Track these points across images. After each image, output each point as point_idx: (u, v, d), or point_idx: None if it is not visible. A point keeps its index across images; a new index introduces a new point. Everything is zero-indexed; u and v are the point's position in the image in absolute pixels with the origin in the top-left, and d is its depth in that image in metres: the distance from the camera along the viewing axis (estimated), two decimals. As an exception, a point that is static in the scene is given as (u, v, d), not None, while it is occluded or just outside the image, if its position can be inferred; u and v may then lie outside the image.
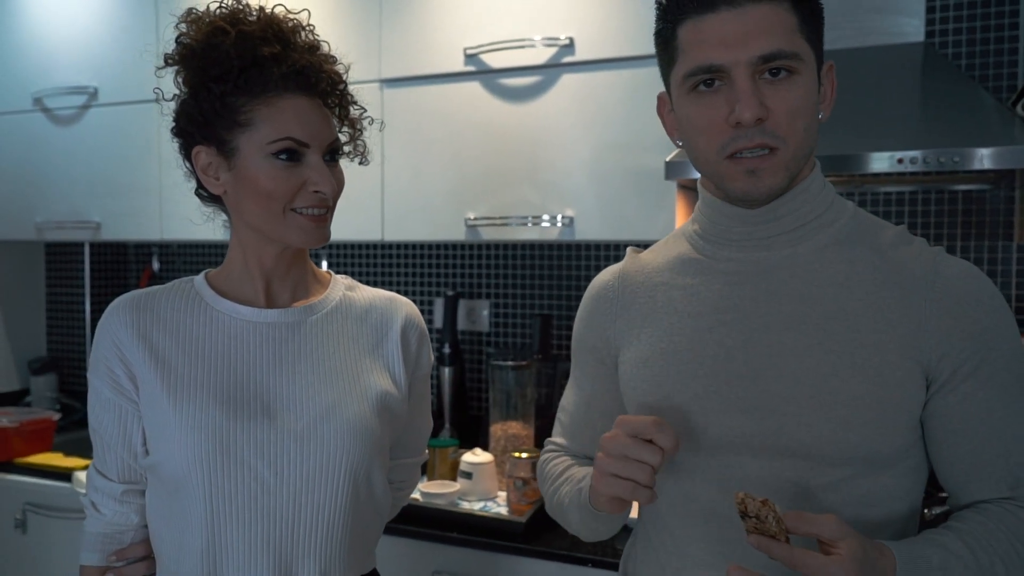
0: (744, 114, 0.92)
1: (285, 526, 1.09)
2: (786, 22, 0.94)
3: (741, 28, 0.93)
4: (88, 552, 1.17)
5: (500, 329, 2.47)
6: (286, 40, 1.10)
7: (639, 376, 1.06)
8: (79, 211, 2.58)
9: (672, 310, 1.06)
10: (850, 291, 0.98)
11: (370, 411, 1.14)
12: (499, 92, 2.02)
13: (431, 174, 2.11)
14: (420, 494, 1.89)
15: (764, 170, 0.96)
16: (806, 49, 0.95)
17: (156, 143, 2.44)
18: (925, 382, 0.96)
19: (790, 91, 0.94)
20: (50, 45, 2.59)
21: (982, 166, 1.54)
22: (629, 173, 1.91)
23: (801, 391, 0.96)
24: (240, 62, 1.06)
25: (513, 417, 2.05)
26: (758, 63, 0.93)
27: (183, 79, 1.13)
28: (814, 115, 0.97)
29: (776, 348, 0.98)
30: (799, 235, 1.01)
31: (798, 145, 0.95)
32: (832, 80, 1.02)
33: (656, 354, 1.05)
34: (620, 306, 1.12)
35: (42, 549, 2.31)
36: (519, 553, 1.72)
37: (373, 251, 2.65)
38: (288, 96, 1.07)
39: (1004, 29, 1.93)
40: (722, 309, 1.02)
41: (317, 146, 1.09)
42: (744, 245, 1.03)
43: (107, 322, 1.14)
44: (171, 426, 1.08)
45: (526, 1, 1.98)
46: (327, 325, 1.18)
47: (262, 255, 1.16)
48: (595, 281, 1.17)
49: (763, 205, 1.01)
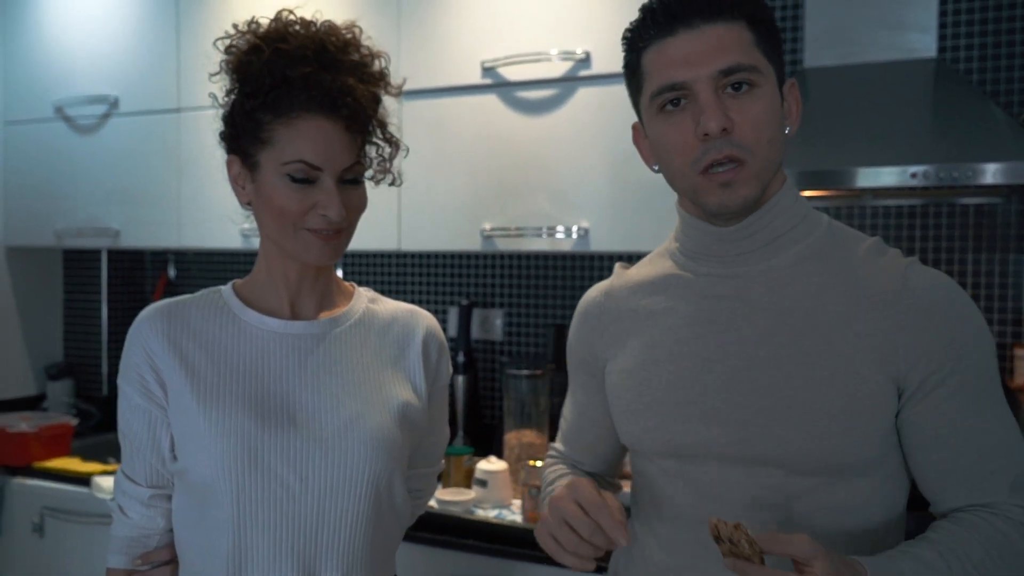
0: (709, 123, 0.96)
1: (309, 532, 1.11)
2: (743, 39, 0.98)
3: (700, 47, 0.98)
4: (115, 555, 1.19)
5: (513, 339, 2.49)
6: (325, 59, 1.11)
7: (623, 385, 1.11)
8: (98, 219, 2.61)
9: (654, 323, 1.10)
10: (822, 303, 1.01)
11: (392, 422, 1.16)
12: (516, 105, 2.05)
13: (448, 185, 2.13)
14: (436, 501, 1.91)
15: (736, 182, 0.99)
16: (765, 64, 0.99)
17: (175, 152, 2.47)
18: (897, 392, 0.99)
19: (753, 103, 0.98)
20: (71, 55, 2.63)
21: (993, 180, 1.56)
22: (643, 186, 1.93)
23: (774, 402, 0.99)
24: (271, 80, 1.09)
25: (527, 426, 2.07)
26: (719, 77, 0.97)
27: (226, 89, 1.16)
28: (779, 128, 1.01)
29: (751, 360, 1.02)
30: (772, 249, 1.05)
31: (765, 156, 0.99)
32: (796, 97, 1.05)
33: (639, 365, 1.09)
34: (607, 320, 1.16)
35: (59, 553, 2.34)
36: (534, 561, 1.73)
37: (388, 260, 2.67)
38: (309, 118, 1.09)
39: (1016, 45, 1.95)
40: (700, 322, 1.06)
41: (331, 170, 1.10)
42: (722, 260, 1.07)
43: (138, 330, 1.16)
44: (200, 432, 1.11)
45: (543, 15, 2.01)
46: (351, 337, 1.20)
47: (287, 268, 1.18)
48: (584, 297, 1.23)
49: (738, 219, 1.04)
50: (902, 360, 0.97)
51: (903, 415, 1.00)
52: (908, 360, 0.97)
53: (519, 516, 1.88)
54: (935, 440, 0.99)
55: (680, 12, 0.99)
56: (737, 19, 0.99)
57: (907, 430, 1.00)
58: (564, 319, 2.41)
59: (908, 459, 1.03)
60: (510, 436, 2.09)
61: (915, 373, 0.97)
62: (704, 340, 1.05)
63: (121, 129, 2.56)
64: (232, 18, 2.64)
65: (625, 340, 1.13)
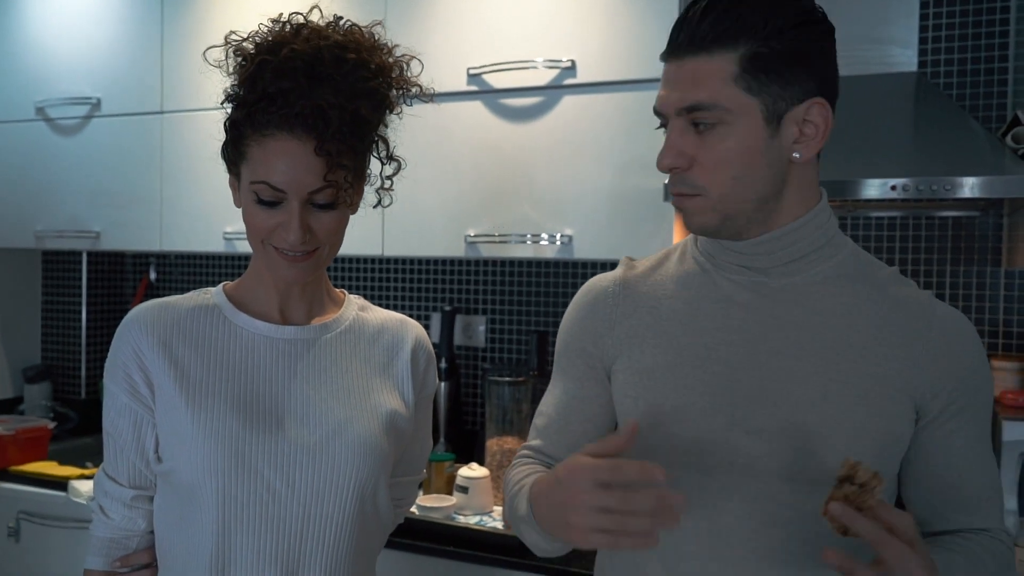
0: (660, 160, 1.01)
1: (293, 536, 1.11)
2: (719, 73, 0.97)
3: (676, 78, 1.00)
4: (93, 556, 1.18)
5: (496, 345, 2.49)
6: (317, 73, 1.06)
7: (641, 386, 1.07)
8: (79, 220, 2.59)
9: (677, 323, 1.08)
10: (853, 323, 1.02)
11: (379, 429, 1.16)
12: (501, 112, 2.06)
13: (432, 191, 2.14)
14: (417, 507, 1.91)
15: (689, 211, 1.02)
16: (740, 100, 0.97)
17: (158, 155, 2.46)
18: (915, 416, 1.02)
19: (716, 142, 0.98)
20: (54, 55, 2.61)
21: (972, 194, 1.58)
22: (628, 193, 1.94)
23: (804, 417, 0.99)
24: (252, 94, 1.07)
25: (509, 432, 2.08)
26: (684, 113, 0.99)
27: (225, 92, 1.14)
28: (753, 164, 0.99)
29: (780, 373, 1.02)
30: (795, 268, 1.05)
31: (723, 193, 0.99)
32: (817, 118, 1.00)
33: (660, 367, 1.07)
34: (620, 314, 1.12)
35: (35, 558, 2.31)
36: (514, 567, 1.74)
37: (372, 265, 2.67)
38: (279, 137, 1.05)
39: (994, 61, 1.98)
40: (726, 328, 1.05)
41: (296, 193, 1.06)
42: (743, 270, 1.07)
43: (127, 329, 1.15)
44: (187, 433, 1.10)
45: (529, 24, 2.02)
46: (341, 344, 1.20)
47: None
48: (591, 285, 1.18)
49: (721, 238, 1.05)
50: (927, 388, 1.01)
51: (916, 438, 1.04)
52: (932, 389, 1.01)
53: (500, 523, 1.88)
54: (945, 465, 1.04)
55: (675, 41, 1.01)
56: (724, 51, 0.97)
57: (917, 452, 1.05)
58: (547, 326, 2.42)
59: (907, 478, 1.07)
60: (491, 443, 2.09)
61: (936, 402, 1.02)
62: (731, 347, 1.04)
63: (103, 131, 2.55)
64: (216, 21, 2.64)
65: (643, 337, 1.09)
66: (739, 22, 0.97)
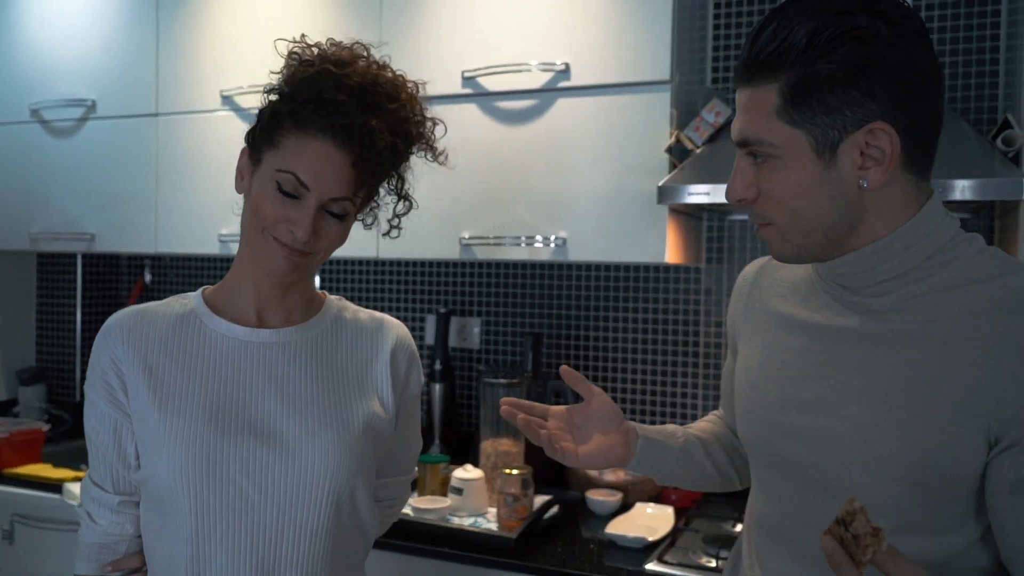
0: (726, 192, 0.98)
1: (269, 543, 1.11)
2: (763, 107, 0.92)
3: (738, 108, 0.97)
4: (83, 562, 1.18)
5: (490, 347, 2.50)
6: (367, 98, 1.11)
7: (740, 380, 1.12)
8: (74, 223, 2.59)
9: (778, 325, 1.08)
10: (944, 346, 0.92)
11: (355, 434, 1.16)
12: (495, 114, 2.06)
13: (427, 193, 2.13)
14: (411, 509, 1.91)
15: (769, 239, 0.99)
16: (785, 133, 0.92)
17: (153, 157, 2.46)
18: (988, 446, 0.90)
19: (770, 174, 0.94)
20: (49, 57, 2.62)
21: (963, 197, 1.59)
22: (623, 196, 1.95)
23: (855, 438, 0.95)
24: (306, 94, 1.09)
25: (504, 434, 2.08)
26: (740, 146, 0.96)
27: (267, 87, 1.17)
28: (810, 197, 0.93)
29: (846, 391, 0.97)
30: (890, 286, 0.96)
31: (788, 225, 0.95)
32: (882, 142, 0.91)
33: (755, 366, 1.09)
34: (746, 304, 1.16)
35: (30, 560, 2.31)
36: (509, 568, 1.74)
37: (367, 267, 2.67)
38: (320, 140, 1.09)
39: (985, 64, 1.99)
40: (819, 338, 1.01)
41: (317, 193, 1.09)
42: (837, 287, 1.01)
43: (104, 336, 1.16)
44: (160, 441, 1.10)
45: (524, 26, 2.02)
46: (317, 346, 1.20)
47: (259, 276, 1.17)
48: (746, 267, 1.20)
49: (804, 263, 1.01)
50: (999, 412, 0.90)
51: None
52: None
53: (494, 524, 1.88)
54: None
55: (737, 68, 0.97)
56: (766, 82, 0.92)
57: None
58: (542, 328, 2.42)
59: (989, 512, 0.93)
60: (486, 444, 2.10)
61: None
62: (809, 356, 1.01)
63: (98, 133, 2.55)
64: (211, 24, 2.65)
65: (753, 333, 1.12)
66: (782, 45, 0.90)
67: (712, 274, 2.24)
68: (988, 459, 0.89)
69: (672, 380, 2.28)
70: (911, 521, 0.93)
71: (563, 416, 1.17)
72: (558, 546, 1.82)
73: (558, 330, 2.41)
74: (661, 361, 2.29)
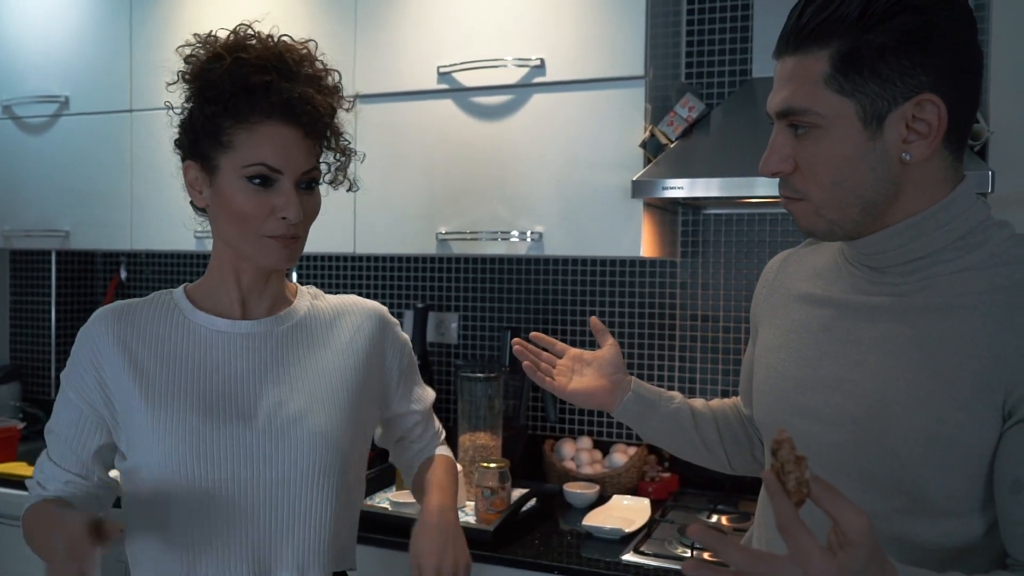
0: (761, 166, 0.97)
1: (262, 526, 1.14)
2: (811, 75, 0.91)
3: (778, 79, 0.96)
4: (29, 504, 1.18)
5: (468, 341, 2.51)
6: (284, 70, 1.13)
7: (760, 360, 1.13)
8: (48, 220, 2.57)
9: (799, 308, 1.09)
10: (956, 324, 0.92)
11: (341, 414, 1.20)
12: (471, 110, 2.07)
13: (403, 188, 2.15)
14: (389, 503, 1.92)
15: (795, 214, 0.99)
16: (832, 101, 0.91)
17: (128, 153, 2.45)
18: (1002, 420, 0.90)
19: (812, 146, 0.93)
20: (21, 53, 2.59)
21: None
22: (597, 191, 1.96)
23: (870, 415, 0.95)
24: (232, 87, 1.11)
25: (481, 428, 2.09)
26: (782, 116, 0.95)
27: (185, 96, 1.18)
28: (853, 169, 0.92)
29: (862, 368, 0.97)
30: (918, 266, 0.96)
31: (824, 198, 0.94)
32: (930, 116, 0.90)
33: (774, 347, 1.10)
34: (770, 290, 1.18)
35: (4, 559, 2.29)
36: (487, 561, 1.75)
37: (344, 263, 2.67)
38: (269, 124, 1.11)
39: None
40: (838, 317, 1.02)
41: (290, 174, 1.13)
42: (864, 268, 1.02)
43: (88, 331, 1.18)
44: (149, 432, 1.13)
45: (499, 22, 2.03)
46: (297, 334, 1.24)
47: (239, 271, 1.21)
48: (773, 259, 1.22)
49: (833, 240, 1.00)
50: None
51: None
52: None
53: (472, 517, 1.90)
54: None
55: (779, 38, 0.96)
56: (817, 50, 0.90)
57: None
58: (519, 322, 2.43)
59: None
60: (464, 438, 2.11)
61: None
62: (828, 335, 1.02)
63: (72, 129, 2.53)
64: (185, 19, 2.63)
65: (774, 315, 1.13)
66: (835, 14, 0.89)
67: (687, 267, 2.26)
68: (1001, 432, 0.89)
69: (648, 374, 2.30)
70: (928, 500, 0.93)
71: (575, 356, 1.28)
72: (536, 538, 1.84)
73: (535, 324, 2.42)
74: (637, 355, 2.31)
